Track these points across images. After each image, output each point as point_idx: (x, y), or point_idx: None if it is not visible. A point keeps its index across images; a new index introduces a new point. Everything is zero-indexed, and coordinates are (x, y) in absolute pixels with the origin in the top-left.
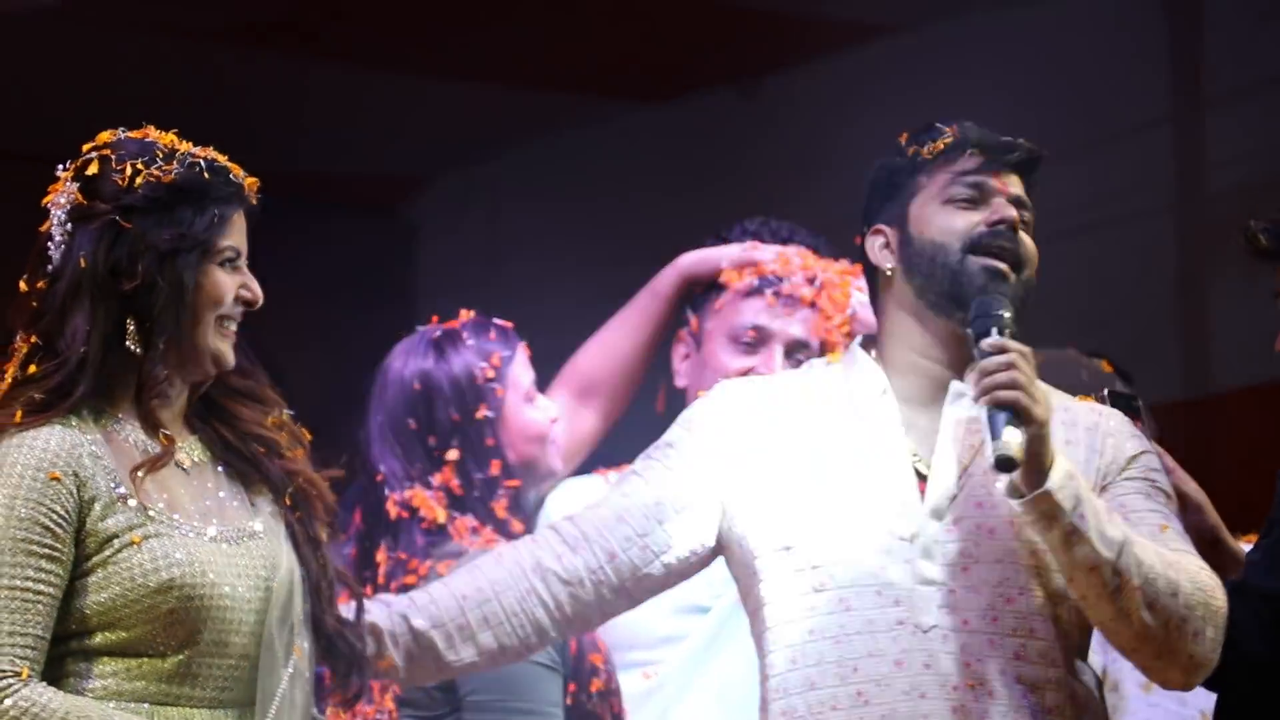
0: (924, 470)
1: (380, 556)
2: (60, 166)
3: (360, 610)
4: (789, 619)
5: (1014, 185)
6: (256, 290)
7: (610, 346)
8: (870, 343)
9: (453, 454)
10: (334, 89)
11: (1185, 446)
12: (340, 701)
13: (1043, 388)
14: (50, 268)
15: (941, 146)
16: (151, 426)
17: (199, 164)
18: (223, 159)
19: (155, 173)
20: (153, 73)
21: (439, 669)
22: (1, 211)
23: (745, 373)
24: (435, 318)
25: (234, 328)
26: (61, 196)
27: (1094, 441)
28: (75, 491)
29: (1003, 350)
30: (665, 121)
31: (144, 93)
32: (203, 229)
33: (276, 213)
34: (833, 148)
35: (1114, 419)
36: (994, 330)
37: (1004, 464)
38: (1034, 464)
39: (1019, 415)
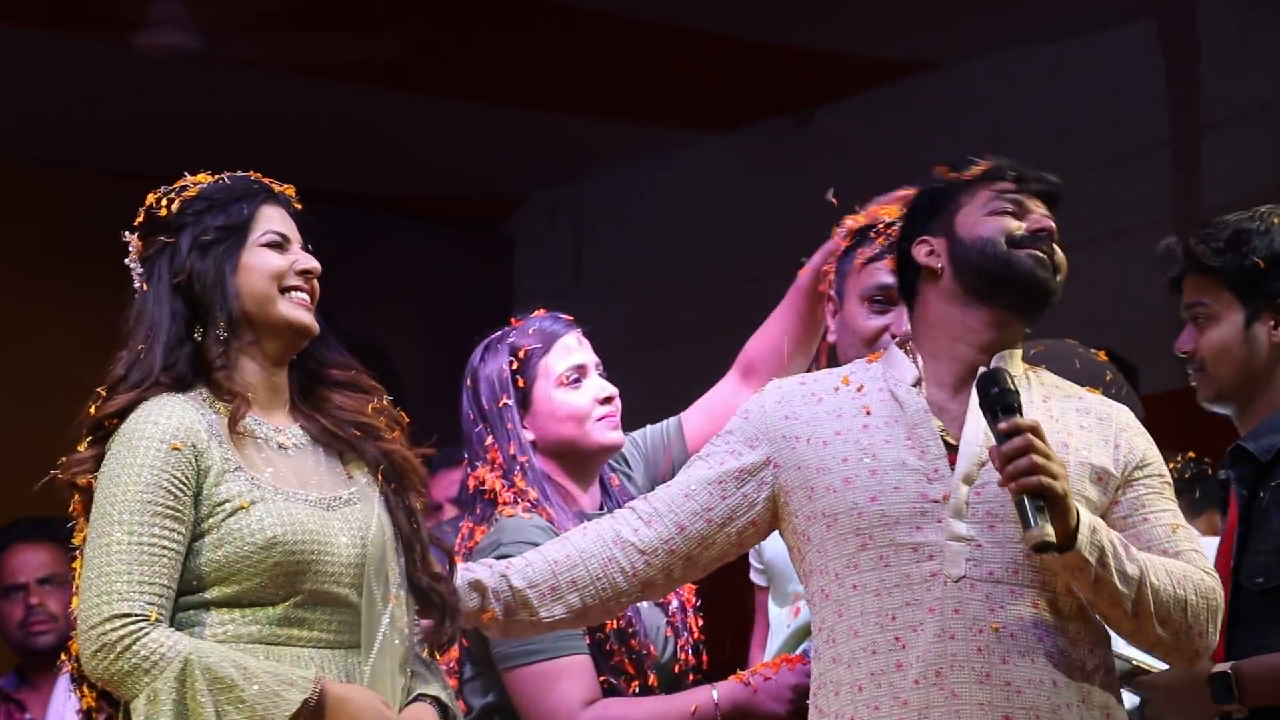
0: (954, 444)
1: (464, 525)
2: (124, 234)
3: (452, 568)
4: (836, 577)
5: (1044, 209)
6: (312, 261)
7: (764, 333)
8: (905, 342)
9: (488, 439)
10: (444, 122)
11: (1182, 427)
12: (436, 646)
13: (1052, 379)
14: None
15: (981, 170)
16: (223, 395)
17: (221, 179)
18: (251, 175)
19: (186, 196)
20: (285, 108)
21: (533, 624)
22: None
23: (881, 331)
24: (513, 319)
25: (306, 298)
26: (130, 261)
27: (1107, 432)
28: (194, 461)
29: (1016, 430)
30: (727, 147)
31: (276, 125)
32: (235, 220)
33: (393, 229)
34: (875, 170)
35: (1124, 414)
36: (1000, 409)
37: (1042, 548)
38: (1063, 525)
39: (1044, 497)
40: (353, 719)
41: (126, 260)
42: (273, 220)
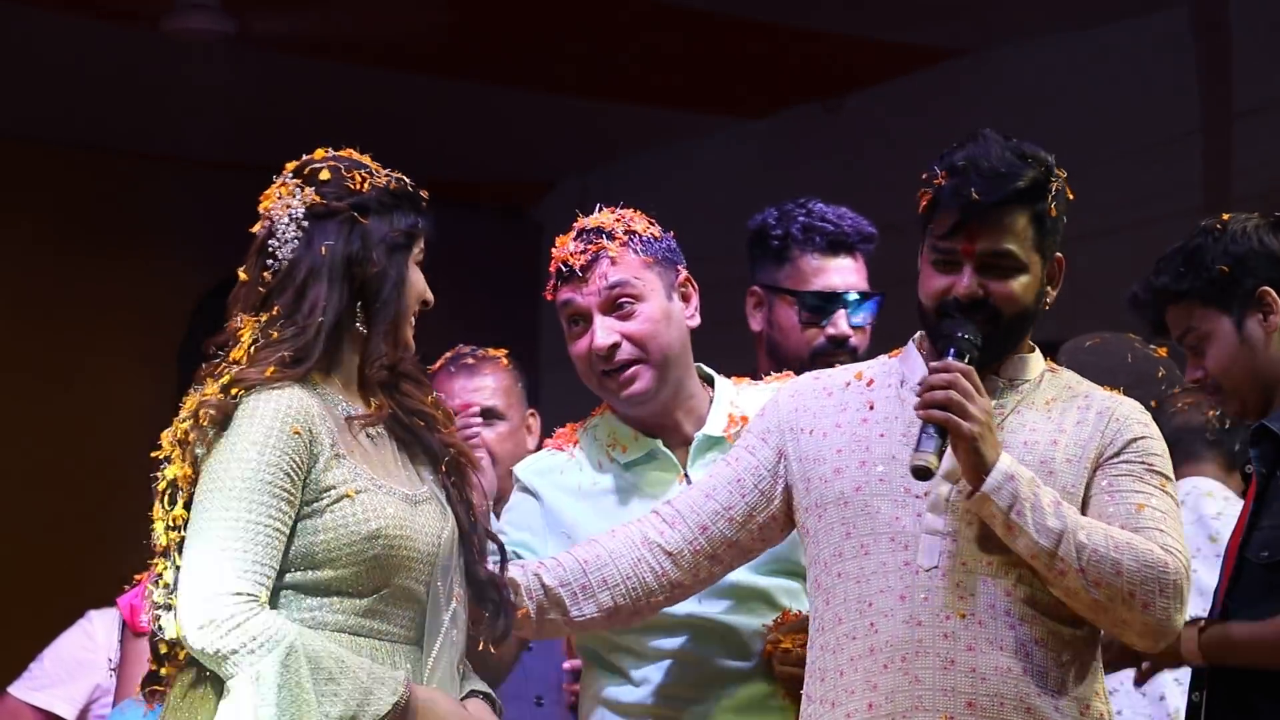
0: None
1: None
2: (288, 176)
3: (504, 563)
4: (825, 567)
5: (988, 234)
6: (430, 295)
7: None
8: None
9: None
10: (473, 107)
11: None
12: (490, 640)
13: (1069, 379)
14: (273, 260)
15: (924, 205)
16: (365, 394)
17: (404, 179)
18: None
19: (379, 181)
20: (313, 92)
21: (566, 623)
22: (175, 203)
23: (610, 347)
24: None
25: (413, 322)
26: (293, 199)
27: (1100, 423)
28: (309, 445)
29: (945, 370)
30: (758, 134)
31: (303, 110)
32: (412, 230)
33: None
34: (905, 157)
35: (1127, 406)
36: (950, 351)
37: (918, 473)
38: (972, 470)
39: (945, 431)
40: None
41: (270, 202)
42: (423, 239)
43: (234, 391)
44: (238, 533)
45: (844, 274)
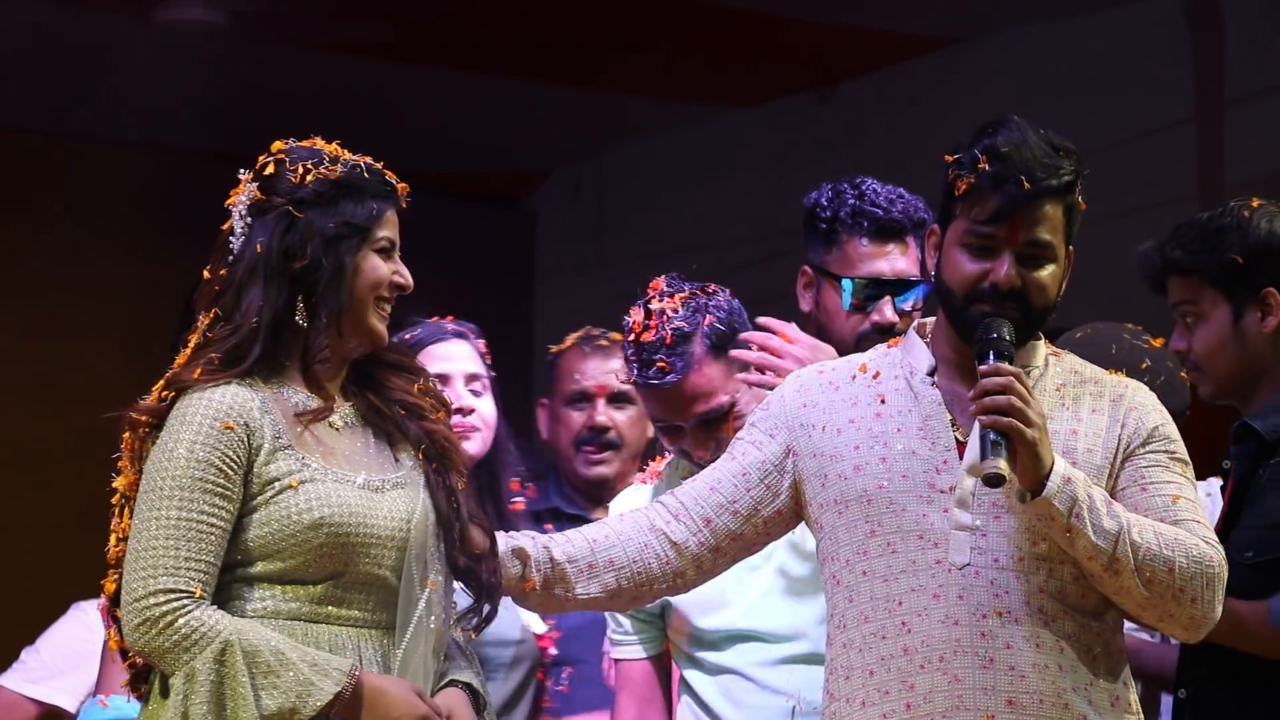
0: (961, 437)
1: None
2: (240, 171)
3: (493, 546)
4: (847, 564)
5: (1031, 224)
6: (408, 277)
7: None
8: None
9: None
10: (466, 97)
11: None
12: (474, 625)
13: (1073, 363)
14: (232, 256)
15: (964, 188)
16: (314, 387)
17: (360, 166)
18: (378, 165)
19: (324, 171)
20: (306, 82)
21: (568, 599)
22: (174, 198)
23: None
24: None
25: (388, 309)
26: (242, 195)
27: (1117, 412)
28: (246, 440)
29: (997, 374)
30: (751, 123)
31: (297, 99)
32: (362, 219)
33: (415, 204)
34: (898, 145)
35: (1140, 393)
36: (990, 354)
37: (992, 481)
38: (1032, 473)
39: (1009, 437)
40: (388, 709)
41: (232, 199)
42: (389, 225)
43: (165, 395)
44: (168, 531)
45: (892, 260)
